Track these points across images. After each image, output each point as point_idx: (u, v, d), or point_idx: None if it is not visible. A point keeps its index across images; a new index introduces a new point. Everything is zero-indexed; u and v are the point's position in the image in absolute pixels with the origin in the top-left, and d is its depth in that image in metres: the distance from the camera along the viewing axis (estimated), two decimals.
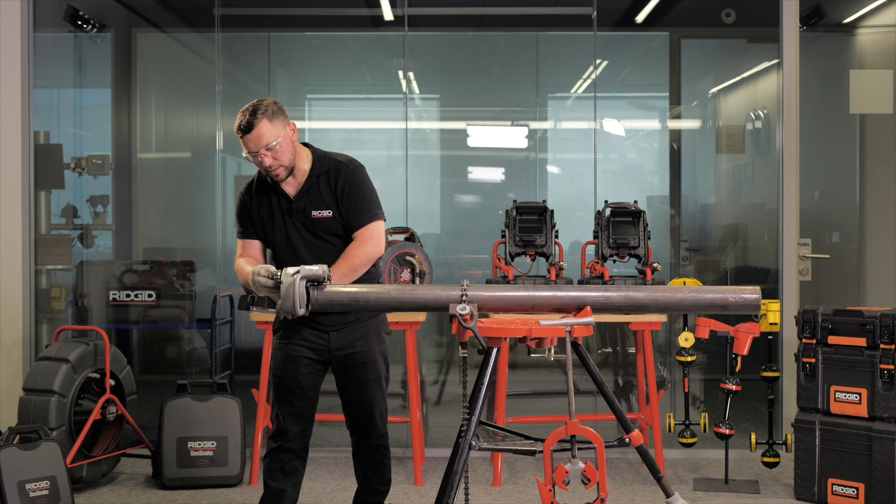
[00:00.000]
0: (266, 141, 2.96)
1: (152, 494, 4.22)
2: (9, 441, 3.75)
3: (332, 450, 4.96)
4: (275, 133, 2.98)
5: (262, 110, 2.97)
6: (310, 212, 3.06)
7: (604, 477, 2.44)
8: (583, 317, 2.66)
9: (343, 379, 3.17)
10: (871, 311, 3.98)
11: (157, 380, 5.84)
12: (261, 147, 2.96)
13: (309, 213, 3.06)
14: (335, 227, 3.07)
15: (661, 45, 6.14)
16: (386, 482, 3.30)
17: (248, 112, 2.98)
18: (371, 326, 3.17)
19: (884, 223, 5.81)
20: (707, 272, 5.95)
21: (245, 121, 2.96)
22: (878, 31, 5.85)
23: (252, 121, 2.96)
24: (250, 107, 3.00)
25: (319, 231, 3.07)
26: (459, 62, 6.30)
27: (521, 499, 4.16)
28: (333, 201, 3.06)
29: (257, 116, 2.96)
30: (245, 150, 3.01)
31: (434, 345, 6.02)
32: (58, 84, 5.75)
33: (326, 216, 3.06)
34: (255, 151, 2.97)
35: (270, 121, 2.98)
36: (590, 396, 5.41)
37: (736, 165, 6.12)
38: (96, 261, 5.48)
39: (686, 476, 4.51)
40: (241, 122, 2.97)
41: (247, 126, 2.96)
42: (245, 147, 3.00)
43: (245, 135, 2.97)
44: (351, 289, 2.75)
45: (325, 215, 3.06)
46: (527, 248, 4.43)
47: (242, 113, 2.99)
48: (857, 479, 3.92)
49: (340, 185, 3.06)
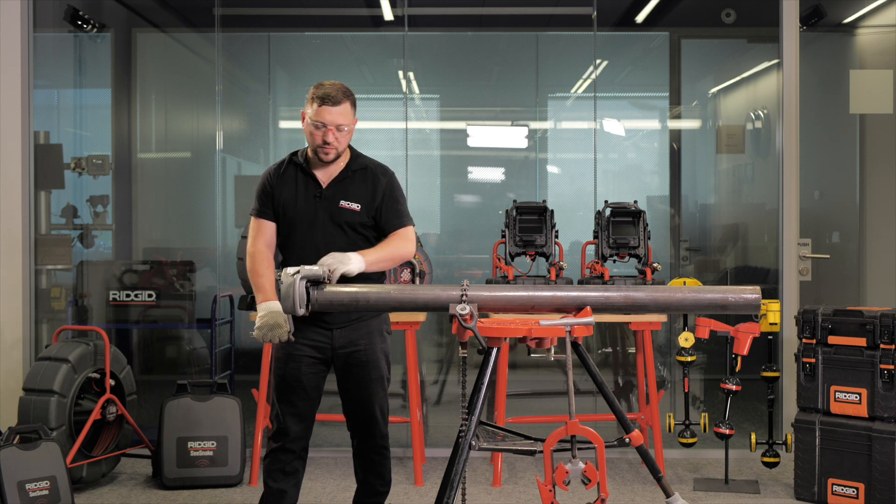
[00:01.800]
0: (342, 120, 3.03)
1: (152, 494, 4.22)
2: (9, 441, 3.75)
3: (332, 450, 4.96)
4: (350, 118, 3.07)
5: (350, 93, 3.08)
6: (338, 200, 3.10)
7: (604, 477, 2.44)
8: (583, 317, 2.66)
9: (345, 378, 3.17)
10: (871, 311, 3.98)
11: (157, 380, 5.84)
12: (335, 123, 3.02)
13: (337, 201, 3.10)
14: (356, 220, 3.11)
15: (661, 45, 6.14)
16: (386, 483, 3.30)
17: (338, 88, 3.05)
18: (374, 325, 3.18)
19: (884, 223, 5.81)
20: (707, 272, 5.95)
21: (335, 94, 3.02)
22: (878, 31, 5.85)
23: (341, 98, 3.03)
24: (339, 85, 3.07)
25: (341, 220, 3.10)
26: (459, 62, 6.30)
27: (521, 499, 4.16)
28: (366, 198, 3.11)
29: (347, 95, 3.06)
30: (312, 118, 3.03)
31: (434, 345, 6.02)
32: (58, 84, 5.75)
33: (354, 208, 3.10)
34: (326, 124, 3.02)
35: (353, 106, 3.09)
36: (590, 396, 5.41)
37: (736, 165, 6.12)
38: (96, 261, 5.48)
39: (686, 476, 4.51)
40: (329, 92, 3.02)
41: (335, 99, 3.02)
42: (319, 116, 3.02)
43: (330, 106, 3.01)
44: (351, 289, 2.75)
45: (352, 207, 3.10)
46: (527, 248, 4.43)
47: (331, 86, 3.04)
48: (857, 479, 3.92)
49: (383, 186, 3.13)
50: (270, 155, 6.25)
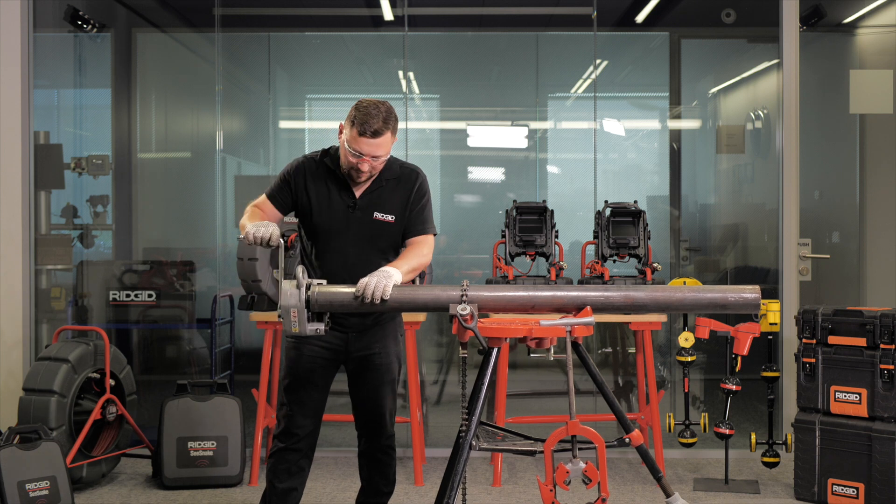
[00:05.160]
0: (381, 151, 2.85)
1: (152, 494, 4.22)
2: (9, 441, 3.75)
3: (332, 450, 4.96)
4: (389, 146, 2.88)
5: (392, 120, 2.85)
6: (372, 212, 2.99)
7: (605, 477, 2.44)
8: (583, 317, 2.66)
9: (358, 380, 3.15)
10: (871, 311, 3.98)
11: (157, 380, 5.84)
12: (373, 154, 2.84)
13: (370, 213, 2.99)
14: (390, 232, 3.01)
15: (661, 45, 6.14)
16: (390, 483, 3.29)
17: (382, 116, 2.82)
18: (389, 329, 3.15)
19: (884, 223, 5.81)
20: (707, 272, 5.95)
21: (378, 126, 2.80)
22: (878, 31, 5.85)
23: (383, 129, 2.82)
24: (384, 109, 2.84)
25: (374, 232, 3.00)
26: (459, 62, 6.30)
27: (521, 499, 4.16)
28: (399, 208, 3.00)
29: (389, 125, 2.83)
30: (349, 144, 2.83)
31: (434, 345, 6.02)
32: (58, 84, 5.75)
33: (388, 220, 2.99)
34: (363, 153, 2.84)
35: (393, 134, 2.87)
36: (590, 396, 5.41)
37: (736, 165, 6.12)
38: (96, 261, 5.48)
39: (686, 476, 4.51)
40: (371, 123, 2.80)
41: (376, 131, 2.80)
42: (356, 146, 2.82)
43: (371, 138, 2.81)
44: (350, 289, 2.75)
45: (387, 219, 2.99)
46: (527, 248, 4.43)
47: (375, 112, 2.81)
48: (857, 479, 3.92)
49: (416, 190, 3.01)
50: (270, 155, 6.25)
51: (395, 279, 2.76)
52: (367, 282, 2.72)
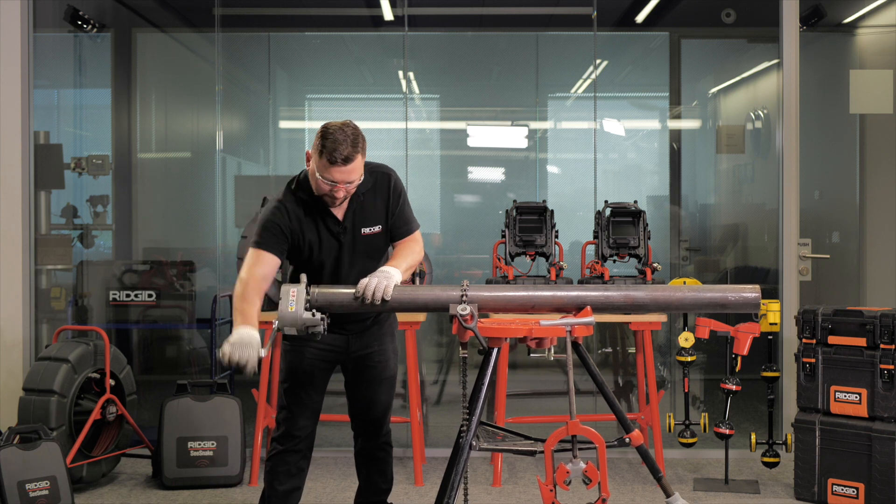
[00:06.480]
0: (355, 176, 2.79)
1: (152, 494, 4.22)
2: (9, 441, 3.75)
3: (332, 450, 4.96)
4: (361, 168, 2.81)
5: (361, 141, 2.77)
6: (359, 229, 2.95)
7: (605, 477, 2.44)
8: (583, 317, 2.67)
9: (357, 378, 3.15)
10: (871, 311, 3.98)
11: (157, 380, 5.84)
12: (349, 180, 2.77)
13: (359, 230, 2.95)
14: (379, 241, 3.00)
15: (661, 45, 6.14)
16: (388, 481, 3.30)
17: (349, 142, 2.72)
18: (386, 328, 3.17)
19: (884, 223, 5.81)
20: (707, 272, 5.95)
21: (347, 153, 2.71)
22: (878, 31, 5.85)
23: (353, 154, 2.73)
24: (350, 133, 2.74)
25: (366, 247, 2.98)
26: (459, 62, 6.30)
27: (521, 499, 4.16)
28: (382, 216, 2.97)
29: (358, 148, 2.75)
30: (322, 175, 2.75)
31: (434, 345, 6.02)
32: (58, 84, 5.75)
33: (376, 232, 2.97)
34: (337, 181, 2.76)
35: (363, 155, 2.80)
36: (590, 396, 5.41)
37: (736, 165, 6.12)
38: (96, 261, 5.48)
39: (686, 476, 4.51)
40: (340, 151, 2.70)
41: (346, 158, 2.72)
42: (329, 175, 2.73)
43: (342, 165, 2.72)
44: (350, 289, 2.75)
45: (375, 231, 2.96)
46: (527, 248, 4.43)
47: (342, 138, 2.72)
48: (857, 479, 3.92)
49: (392, 193, 2.97)
50: (270, 155, 6.25)
51: (395, 279, 2.76)
52: (368, 282, 2.72)
